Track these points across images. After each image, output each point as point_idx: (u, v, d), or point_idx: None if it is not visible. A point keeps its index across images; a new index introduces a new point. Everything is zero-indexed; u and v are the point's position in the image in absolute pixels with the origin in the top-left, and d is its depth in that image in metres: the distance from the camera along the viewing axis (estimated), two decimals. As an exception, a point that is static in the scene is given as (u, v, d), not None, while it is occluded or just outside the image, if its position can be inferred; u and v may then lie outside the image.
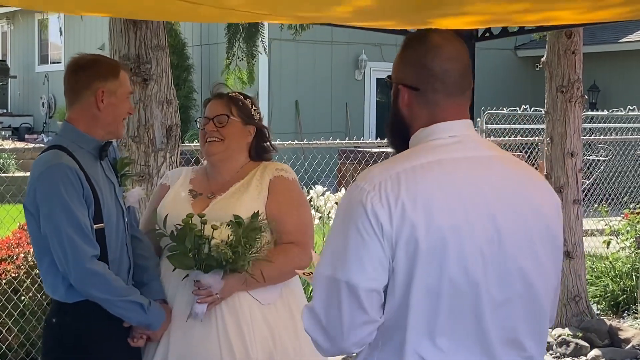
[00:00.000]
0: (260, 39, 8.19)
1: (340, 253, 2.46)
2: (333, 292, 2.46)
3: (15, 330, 6.64)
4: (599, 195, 14.62)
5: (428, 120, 2.60)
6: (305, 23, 4.86)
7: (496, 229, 2.48)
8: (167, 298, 3.87)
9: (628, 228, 9.81)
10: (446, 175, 2.50)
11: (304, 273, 3.36)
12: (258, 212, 3.79)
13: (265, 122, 4.19)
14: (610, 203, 13.81)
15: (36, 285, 6.58)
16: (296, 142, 9.33)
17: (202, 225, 3.68)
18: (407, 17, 3.80)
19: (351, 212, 2.47)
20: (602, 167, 15.35)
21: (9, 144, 17.94)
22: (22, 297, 6.64)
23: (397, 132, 2.68)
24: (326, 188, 8.53)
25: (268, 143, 4.11)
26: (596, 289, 9.32)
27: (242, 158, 4.04)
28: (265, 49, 9.24)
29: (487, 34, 5.11)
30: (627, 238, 9.77)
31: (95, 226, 3.64)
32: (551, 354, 7.62)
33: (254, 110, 4.04)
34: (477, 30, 5.07)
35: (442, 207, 2.43)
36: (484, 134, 13.72)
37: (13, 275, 6.66)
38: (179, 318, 3.82)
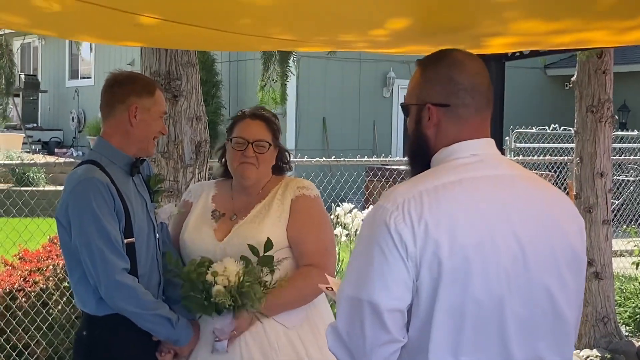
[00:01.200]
0: (292, 58, 8.24)
1: (363, 273, 2.46)
2: (356, 312, 2.46)
3: (44, 343, 6.67)
4: (629, 216, 14.52)
5: (453, 138, 2.59)
6: (340, 50, 4.86)
7: (520, 247, 2.48)
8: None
9: (658, 249, 9.74)
10: (469, 194, 2.50)
11: (327, 287, 3.35)
12: (270, 240, 3.73)
13: (292, 139, 4.19)
14: (639, 224, 13.71)
15: (65, 299, 6.61)
16: (324, 159, 9.33)
17: (207, 270, 3.67)
18: (441, 39, 3.79)
19: (375, 232, 2.47)
20: (631, 187, 15.25)
21: (39, 158, 18.09)
22: (51, 310, 6.66)
23: (419, 155, 2.67)
24: (353, 205, 8.53)
25: (287, 155, 4.10)
26: (625, 310, 9.25)
27: (267, 177, 4.04)
28: (297, 67, 9.32)
29: (517, 54, 5.10)
30: (657, 259, 9.69)
31: (125, 240, 3.67)
32: (579, 375, 7.57)
33: (279, 130, 4.06)
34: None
35: (465, 226, 2.43)
36: (512, 153, 13.68)
37: (42, 286, 6.70)
38: (205, 338, 3.83)
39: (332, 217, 8.33)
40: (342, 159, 9.63)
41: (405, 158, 2.79)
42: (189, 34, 4.06)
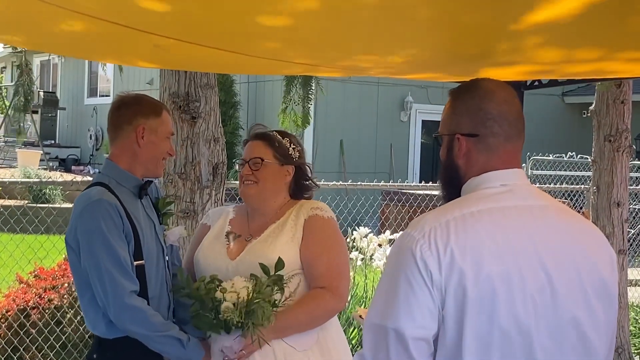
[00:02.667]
0: (315, 82, 8.26)
1: (389, 300, 2.46)
2: (381, 339, 2.45)
3: (57, 361, 6.68)
4: (644, 245, 14.45)
5: (483, 167, 2.60)
6: (358, 75, 4.89)
7: (548, 278, 2.46)
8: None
9: (674, 280, 9.69)
10: (496, 223, 2.49)
11: (359, 316, 3.32)
12: (281, 259, 3.74)
13: (309, 162, 4.17)
14: (655, 253, 13.64)
15: (79, 317, 6.62)
16: (340, 182, 9.34)
17: (216, 287, 3.68)
18: (457, 67, 3.81)
19: (401, 260, 2.47)
20: (648, 217, 15.18)
21: (56, 175, 18.15)
22: (65, 329, 6.67)
23: (450, 184, 2.68)
24: (369, 230, 8.53)
25: (309, 181, 4.10)
26: (640, 341, 9.20)
27: (279, 198, 4.02)
28: (321, 90, 9.34)
29: (536, 83, 5.11)
30: (672, 290, 9.65)
31: (135, 263, 3.68)
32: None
33: (293, 148, 4.03)
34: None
35: (491, 255, 2.42)
36: (529, 180, 13.64)
37: (56, 304, 6.71)
38: (215, 358, 3.82)
39: (347, 240, 8.34)
40: (358, 183, 9.64)
41: (437, 184, 2.80)
42: (209, 55, 4.10)
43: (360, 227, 8.45)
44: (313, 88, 8.28)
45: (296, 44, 3.85)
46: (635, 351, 8.99)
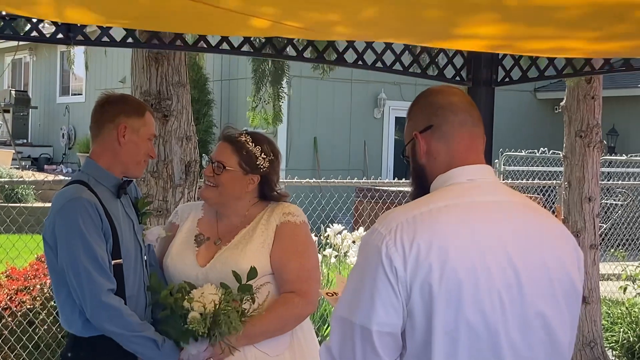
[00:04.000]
0: (285, 79, 8.26)
1: (356, 296, 2.48)
2: (347, 334, 2.47)
3: (30, 362, 6.65)
4: (616, 240, 14.57)
5: (446, 161, 2.62)
6: (322, 39, 4.80)
7: (515, 273, 2.47)
8: None
9: (645, 274, 9.76)
10: (463, 218, 2.50)
11: (326, 293, 3.33)
12: (254, 268, 3.72)
13: (283, 159, 4.12)
14: (627, 248, 13.75)
15: (51, 318, 6.59)
16: (314, 180, 9.35)
17: (184, 296, 3.65)
18: (423, 28, 3.75)
19: (367, 256, 2.49)
20: (619, 211, 15.30)
21: (28, 175, 18.06)
22: (37, 330, 6.64)
23: (420, 187, 2.70)
24: (343, 226, 8.55)
25: (275, 192, 4.00)
26: (612, 335, 9.26)
27: (242, 202, 3.96)
28: (289, 88, 9.32)
29: (507, 79, 5.13)
30: (644, 284, 9.71)
31: (113, 262, 3.67)
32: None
33: (263, 157, 3.92)
34: (496, 74, 5.08)
35: (457, 250, 2.43)
36: (501, 176, 13.72)
37: (29, 307, 6.68)
38: None
39: (321, 238, 8.35)
40: (332, 180, 9.65)
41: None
42: (179, 11, 3.90)
43: (334, 224, 8.46)
44: (284, 87, 8.28)
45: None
46: (608, 345, 9.05)
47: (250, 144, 3.92)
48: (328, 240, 8.32)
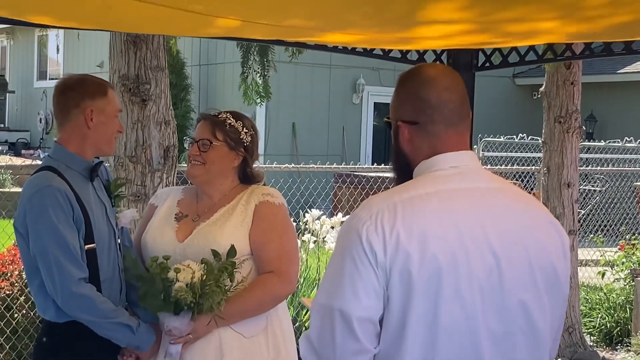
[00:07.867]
0: (270, 56, 8.22)
1: (335, 281, 2.46)
2: (327, 320, 2.46)
3: (7, 347, 6.61)
4: (595, 225, 14.64)
5: (429, 152, 2.60)
6: (285, 39, 4.74)
7: (496, 261, 2.46)
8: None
9: (624, 260, 9.81)
10: (444, 205, 2.49)
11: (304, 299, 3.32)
12: (234, 247, 3.73)
13: (261, 145, 4.13)
14: (605, 233, 13.82)
15: (29, 303, 6.55)
16: (292, 165, 9.33)
17: (166, 267, 3.66)
18: (392, 16, 3.71)
19: (348, 241, 2.47)
20: (597, 197, 15.38)
21: (5, 160, 17.94)
22: (15, 315, 6.61)
23: (402, 169, 2.68)
24: (322, 212, 8.53)
25: (250, 170, 4.03)
26: (590, 321, 9.31)
27: (227, 181, 3.99)
28: (274, 66, 9.29)
29: (487, 64, 5.13)
30: (622, 269, 9.76)
31: (86, 247, 3.64)
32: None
33: (245, 132, 3.96)
34: (477, 59, 5.07)
35: (437, 237, 2.42)
36: (480, 162, 13.75)
37: (7, 292, 6.64)
38: (164, 344, 3.80)
39: (300, 223, 8.33)
40: (310, 165, 9.63)
41: (389, 167, 2.80)
42: (153, 16, 3.87)
43: (312, 210, 8.44)
44: (270, 60, 8.26)
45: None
46: (586, 330, 9.10)
47: (232, 119, 3.96)
48: (307, 226, 8.30)
